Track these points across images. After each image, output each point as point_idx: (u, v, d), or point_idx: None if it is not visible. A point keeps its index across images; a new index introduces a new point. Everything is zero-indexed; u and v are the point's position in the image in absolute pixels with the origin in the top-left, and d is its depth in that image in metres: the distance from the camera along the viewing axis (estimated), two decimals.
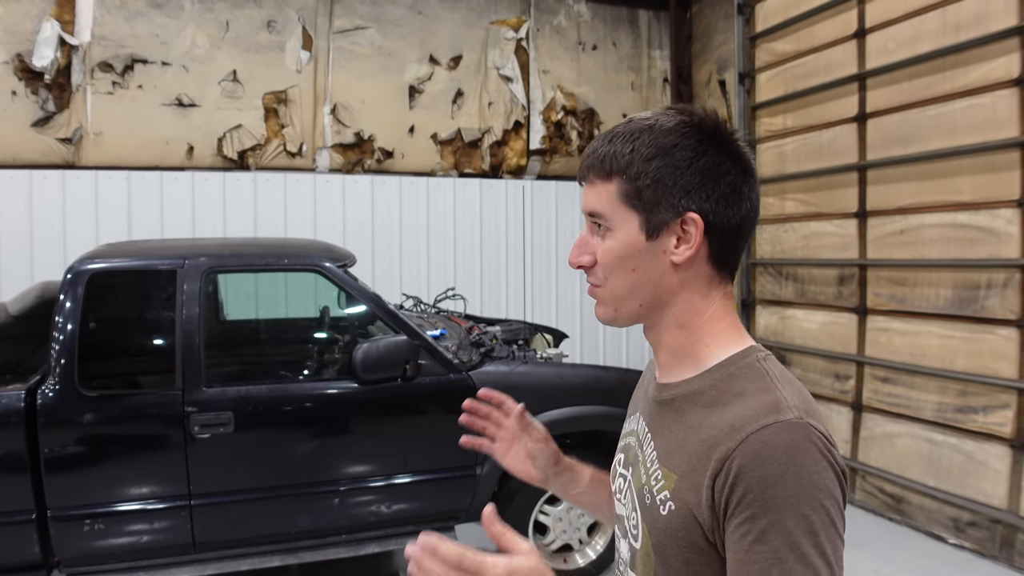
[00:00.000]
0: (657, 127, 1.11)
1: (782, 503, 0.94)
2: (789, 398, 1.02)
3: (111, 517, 3.57)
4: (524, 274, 7.99)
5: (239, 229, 6.89)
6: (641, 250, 1.11)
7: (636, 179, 1.09)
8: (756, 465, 0.96)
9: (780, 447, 0.96)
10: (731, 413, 1.02)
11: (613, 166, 1.11)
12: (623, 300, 1.15)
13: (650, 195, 1.09)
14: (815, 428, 0.99)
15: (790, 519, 0.93)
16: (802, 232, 6.21)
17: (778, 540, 0.93)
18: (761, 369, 1.08)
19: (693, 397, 1.11)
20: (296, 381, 4.12)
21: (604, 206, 1.13)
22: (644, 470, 1.15)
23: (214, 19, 7.01)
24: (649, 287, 1.13)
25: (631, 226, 1.11)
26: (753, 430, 0.98)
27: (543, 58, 8.29)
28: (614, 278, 1.13)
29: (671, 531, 1.05)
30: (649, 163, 1.09)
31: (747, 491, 0.95)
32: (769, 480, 0.95)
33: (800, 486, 0.94)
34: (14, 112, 6.45)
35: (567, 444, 4.33)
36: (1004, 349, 4.53)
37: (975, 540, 4.70)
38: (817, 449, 0.98)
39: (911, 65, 5.08)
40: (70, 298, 3.55)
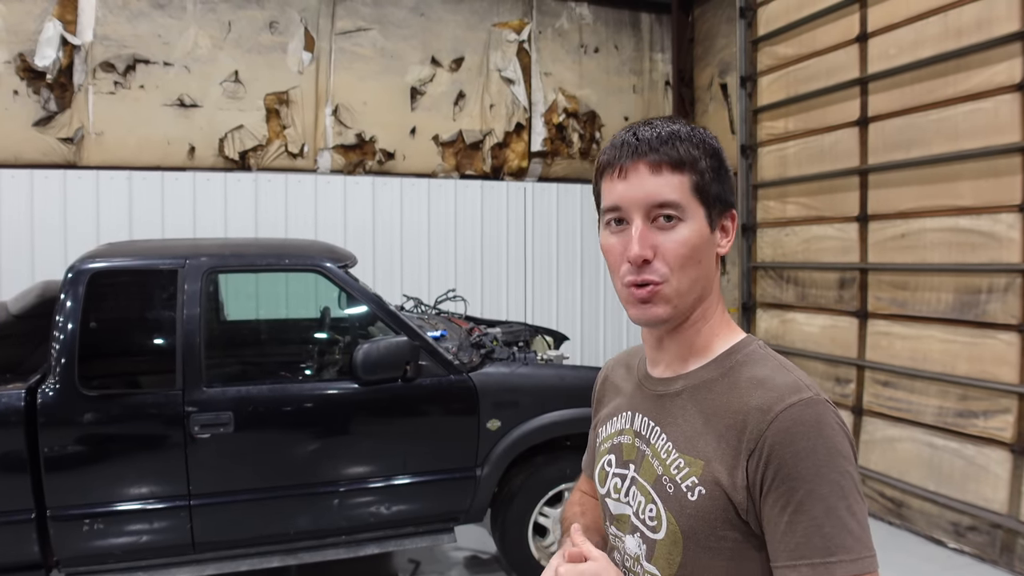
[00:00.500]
0: (696, 131, 1.18)
1: (815, 473, 1.02)
2: (804, 379, 1.11)
3: (111, 517, 3.56)
4: (525, 276, 7.99)
5: (240, 229, 6.89)
6: (707, 242, 1.17)
7: (703, 174, 1.15)
8: (788, 441, 1.04)
9: (808, 422, 1.05)
10: (756, 397, 1.10)
11: (683, 158, 1.14)
12: (686, 294, 1.16)
13: (713, 190, 1.16)
14: (830, 403, 1.08)
15: (824, 487, 1.02)
16: (803, 236, 6.20)
17: (816, 508, 1.01)
18: (768, 355, 1.18)
19: (707, 385, 1.17)
20: (296, 381, 4.12)
21: (680, 196, 1.14)
22: (659, 462, 1.19)
23: (216, 20, 7.02)
24: (705, 280, 1.18)
25: (700, 219, 1.15)
26: (781, 409, 1.06)
27: (545, 60, 8.29)
28: (684, 271, 1.14)
29: (703, 514, 1.11)
30: (711, 159, 1.17)
31: (781, 465, 1.04)
32: (802, 453, 1.03)
33: (829, 455, 1.03)
34: (16, 111, 6.45)
35: (567, 446, 4.33)
36: (1005, 354, 4.52)
37: (975, 545, 4.70)
38: (836, 422, 1.07)
39: (913, 69, 5.07)
40: (71, 297, 3.55)
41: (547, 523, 4.26)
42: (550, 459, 4.24)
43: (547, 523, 4.26)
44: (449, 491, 4.06)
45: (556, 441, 4.26)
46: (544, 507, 4.25)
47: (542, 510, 4.24)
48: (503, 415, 4.07)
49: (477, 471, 4.06)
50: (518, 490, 4.18)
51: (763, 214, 6.67)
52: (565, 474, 4.23)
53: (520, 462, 4.17)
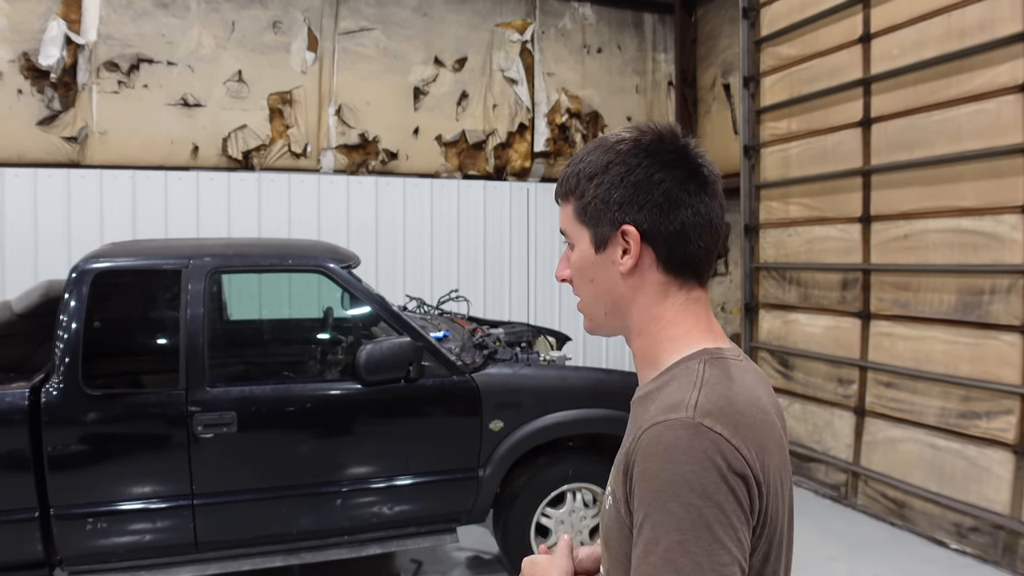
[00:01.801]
0: (603, 146, 1.19)
1: (652, 498, 0.96)
2: (693, 398, 1.02)
3: (114, 516, 3.57)
4: (527, 276, 7.99)
5: (243, 229, 6.90)
6: (593, 262, 1.19)
7: (582, 197, 1.19)
8: (641, 460, 1.00)
9: (661, 443, 0.99)
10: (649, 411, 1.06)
11: (568, 187, 1.22)
12: (591, 309, 1.24)
13: (593, 211, 1.17)
14: (708, 429, 0.98)
15: (658, 514, 0.95)
16: (806, 236, 6.20)
17: (648, 533, 0.96)
18: (694, 371, 1.09)
19: (644, 399, 1.14)
20: (299, 382, 4.12)
21: (566, 224, 1.24)
22: None
23: (220, 19, 7.03)
24: (607, 296, 1.20)
25: (584, 241, 1.20)
26: (647, 427, 1.02)
27: (548, 61, 8.30)
28: (581, 289, 1.24)
29: (609, 523, 1.12)
30: (590, 181, 1.17)
31: (633, 484, 1.01)
32: (646, 475, 0.98)
33: (672, 483, 0.95)
34: (20, 110, 6.47)
35: (570, 446, 4.34)
36: (1008, 355, 4.52)
37: (977, 546, 4.70)
38: (700, 449, 0.97)
39: (916, 70, 5.07)
40: (74, 297, 3.55)
41: (549, 524, 4.26)
42: (553, 460, 4.24)
43: (549, 524, 4.26)
44: (451, 491, 4.06)
45: (559, 442, 4.26)
46: (546, 508, 4.25)
47: (544, 511, 4.24)
48: (506, 416, 4.08)
49: (480, 472, 4.06)
50: (520, 491, 4.18)
51: (766, 215, 6.67)
52: (567, 475, 4.23)
53: (522, 463, 4.18)
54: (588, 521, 4.33)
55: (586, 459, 4.31)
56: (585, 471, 4.26)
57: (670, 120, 8.70)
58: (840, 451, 5.78)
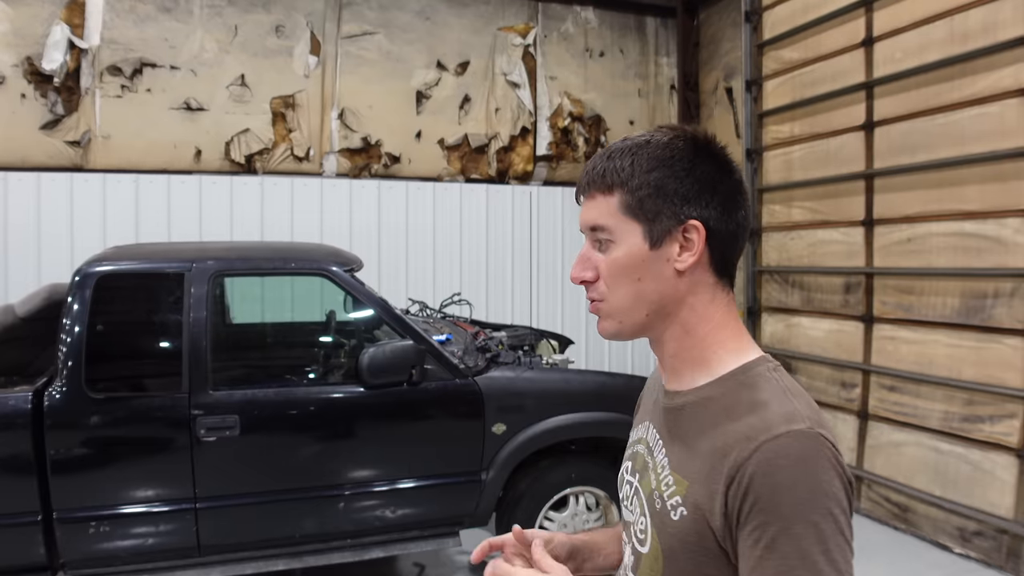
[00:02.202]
0: (653, 142, 1.14)
1: (791, 511, 0.96)
2: (802, 409, 1.04)
3: (116, 519, 3.57)
4: (530, 280, 7.99)
5: (246, 233, 6.91)
6: (645, 259, 1.13)
7: (637, 190, 1.12)
8: (768, 473, 0.98)
9: (792, 456, 0.98)
10: (745, 423, 1.04)
11: (614, 179, 1.13)
12: (628, 311, 1.15)
13: (651, 204, 1.12)
14: (826, 439, 1.01)
15: (799, 526, 0.95)
16: (808, 240, 6.20)
17: (788, 547, 0.95)
18: (772, 379, 1.10)
19: (704, 404, 1.12)
20: (302, 385, 4.13)
21: (606, 219, 1.14)
22: (654, 476, 1.17)
23: (223, 23, 7.04)
24: (655, 296, 1.14)
25: (635, 236, 1.13)
26: (766, 439, 1.00)
27: (550, 64, 8.30)
28: (619, 290, 1.14)
29: (682, 536, 1.07)
30: (649, 174, 1.12)
31: (758, 499, 0.97)
32: (780, 488, 0.97)
33: (810, 494, 0.96)
34: (23, 115, 6.48)
35: (572, 450, 4.33)
36: (1011, 358, 4.51)
37: (981, 550, 4.68)
38: (827, 459, 0.99)
39: (919, 74, 5.07)
40: (78, 300, 3.56)
41: (552, 527, 4.26)
42: (555, 463, 4.24)
43: (552, 527, 4.26)
44: (454, 495, 4.06)
45: (561, 445, 4.26)
46: (549, 511, 4.24)
47: (547, 514, 4.24)
48: (508, 419, 4.07)
49: (482, 475, 4.06)
50: (523, 494, 4.17)
51: (768, 218, 6.66)
52: (570, 478, 4.23)
53: (525, 466, 4.17)
54: (591, 525, 4.33)
55: (589, 463, 4.30)
56: (588, 475, 4.26)
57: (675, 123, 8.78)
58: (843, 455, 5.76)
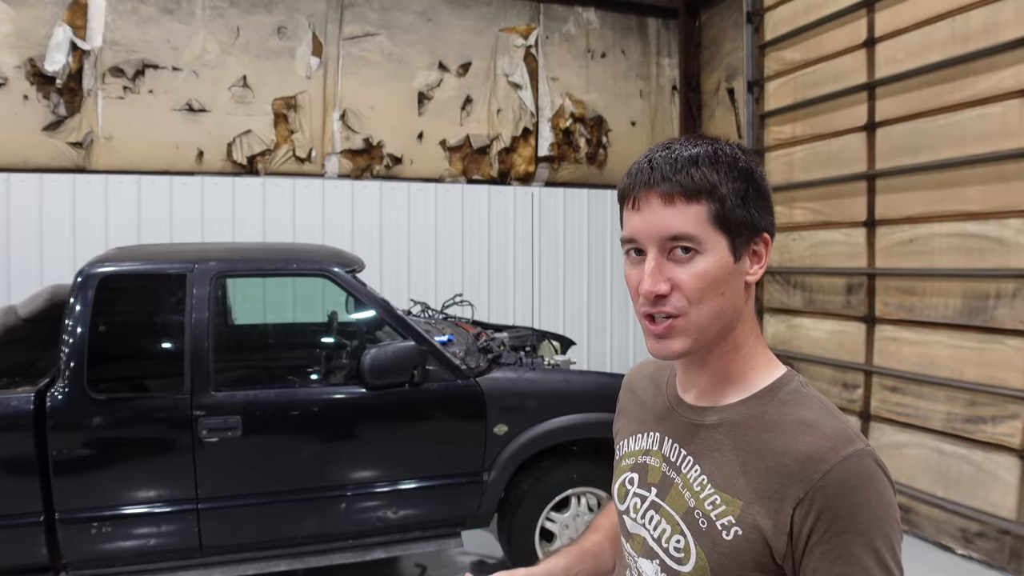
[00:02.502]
0: (724, 153, 1.12)
1: (870, 526, 1.02)
2: (851, 428, 1.09)
3: (118, 520, 3.58)
4: (532, 281, 7.99)
5: (248, 234, 6.92)
6: (731, 272, 1.11)
7: (724, 201, 1.09)
8: (844, 494, 1.03)
9: (863, 476, 1.04)
10: (803, 443, 1.07)
11: (699, 187, 1.08)
12: (707, 327, 1.11)
13: (738, 216, 1.10)
14: (877, 456, 1.08)
15: (878, 539, 1.03)
16: (810, 241, 6.20)
17: (869, 559, 1.02)
18: (810, 396, 1.14)
19: (747, 422, 1.13)
20: (304, 386, 4.13)
21: (692, 228, 1.08)
22: (691, 493, 1.16)
23: (225, 25, 7.05)
24: (730, 311, 1.12)
25: (722, 248, 1.09)
26: (836, 461, 1.04)
27: (552, 65, 8.30)
28: (705, 304, 1.10)
29: (736, 555, 1.08)
30: (736, 184, 1.10)
31: (836, 518, 1.02)
32: (857, 507, 1.02)
33: (883, 508, 1.04)
34: (25, 116, 6.49)
35: (574, 450, 4.34)
36: (1013, 359, 4.51)
37: (984, 551, 4.68)
38: (885, 475, 1.07)
39: (921, 74, 5.07)
40: (80, 301, 3.56)
41: (554, 528, 4.26)
42: (557, 464, 4.24)
43: (554, 528, 4.26)
44: (456, 496, 4.06)
45: (563, 446, 4.26)
46: (551, 512, 4.24)
47: (549, 515, 4.24)
48: (510, 420, 4.08)
49: (484, 476, 4.06)
50: (525, 495, 4.18)
51: None
52: (572, 479, 4.23)
53: (527, 467, 4.17)
54: None
55: (590, 463, 4.30)
56: (589, 475, 4.26)
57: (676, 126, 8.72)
58: None
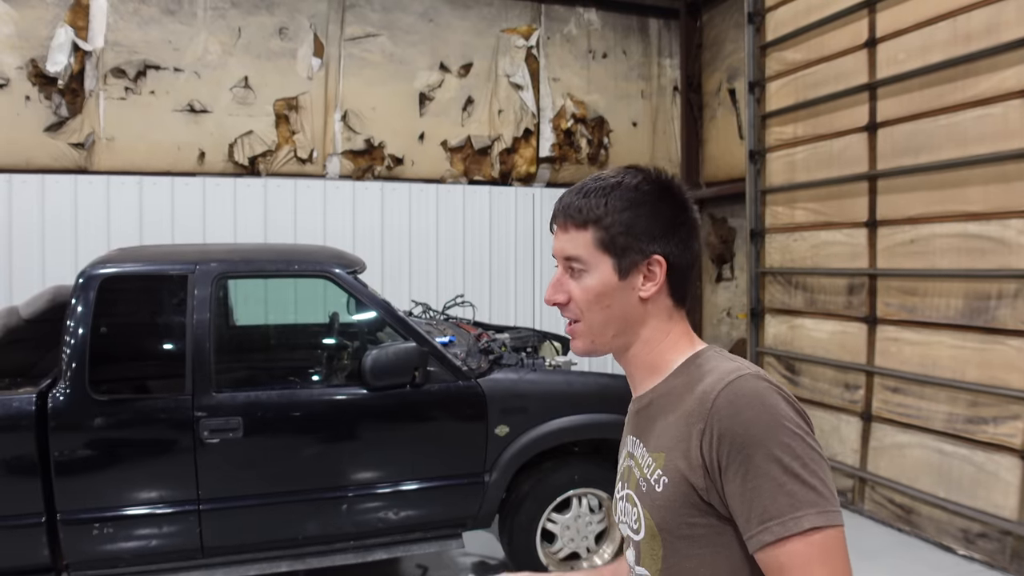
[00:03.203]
0: (624, 184, 1.28)
1: (765, 436, 1.09)
2: (743, 365, 1.20)
3: (120, 521, 3.58)
4: (533, 281, 7.99)
5: (249, 235, 6.92)
6: (615, 288, 1.27)
7: (610, 228, 1.26)
8: (733, 413, 1.11)
9: (748, 393, 1.13)
10: (701, 387, 1.19)
11: (588, 216, 1.27)
12: (599, 332, 1.30)
13: (622, 241, 1.26)
14: (768, 378, 1.17)
15: (776, 448, 1.08)
16: (811, 241, 6.19)
17: (774, 469, 1.08)
18: (718, 354, 1.28)
19: (667, 392, 1.27)
20: (305, 387, 4.13)
21: (581, 251, 1.28)
22: (639, 470, 1.29)
23: (226, 26, 7.06)
24: (621, 320, 1.29)
25: (606, 268, 1.27)
26: (720, 388, 1.14)
27: (553, 66, 8.31)
28: (591, 314, 1.29)
29: (669, 503, 1.18)
30: (622, 214, 1.26)
31: (734, 437, 1.10)
32: (748, 422, 1.10)
33: (774, 419, 1.10)
34: (27, 117, 6.50)
35: (576, 452, 4.34)
36: (1015, 360, 4.50)
37: (985, 552, 4.67)
38: (775, 392, 1.14)
39: (922, 75, 5.06)
40: (82, 302, 3.57)
41: (555, 529, 4.26)
42: (558, 465, 4.24)
43: (555, 529, 4.26)
44: (457, 497, 4.06)
45: (564, 447, 4.26)
46: (552, 513, 4.24)
47: (550, 516, 4.24)
48: (511, 421, 4.08)
49: (485, 477, 4.06)
50: (526, 496, 4.18)
51: (772, 219, 6.66)
52: (573, 480, 4.23)
53: (528, 468, 4.18)
54: (594, 527, 4.33)
55: (592, 464, 4.30)
56: (591, 476, 4.26)
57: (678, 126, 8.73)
58: (847, 456, 5.76)
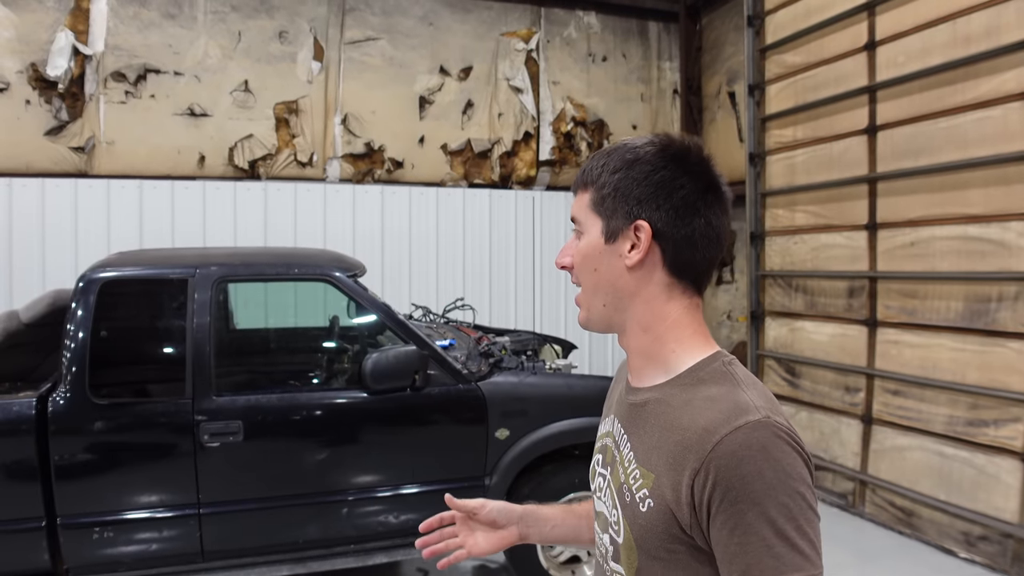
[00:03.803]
0: (629, 146, 1.24)
1: (763, 496, 1.03)
2: (755, 400, 1.11)
3: (120, 525, 3.58)
4: (533, 285, 7.99)
5: (249, 238, 6.93)
6: (601, 252, 1.23)
7: (601, 188, 1.23)
8: (734, 464, 1.04)
9: (754, 446, 1.05)
10: (703, 417, 1.11)
11: (588, 178, 1.26)
12: (590, 299, 1.27)
13: (610, 203, 1.22)
14: (780, 424, 1.08)
15: (772, 509, 1.03)
16: (812, 244, 6.19)
17: (765, 529, 1.02)
18: (727, 373, 1.18)
19: (666, 400, 1.19)
20: (305, 390, 4.12)
21: (579, 212, 1.27)
22: (622, 469, 1.23)
23: (226, 30, 7.06)
24: (609, 288, 1.23)
25: (595, 230, 1.24)
26: (726, 432, 1.06)
27: (553, 69, 8.31)
28: (583, 277, 1.27)
29: (650, 526, 1.14)
30: (613, 175, 1.22)
31: (729, 489, 1.04)
32: (748, 477, 1.04)
33: (776, 478, 1.04)
34: (28, 121, 6.50)
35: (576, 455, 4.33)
36: (1015, 362, 4.50)
37: (986, 554, 4.67)
38: (785, 442, 1.06)
39: (922, 77, 5.07)
40: (82, 306, 3.56)
41: None
42: (559, 468, 4.23)
43: None
44: None
45: (565, 450, 4.25)
46: None
47: None
48: (512, 424, 4.07)
49: (486, 480, 4.05)
50: (526, 499, 4.16)
51: (771, 222, 6.66)
52: (574, 483, 4.22)
53: (529, 471, 4.17)
54: None
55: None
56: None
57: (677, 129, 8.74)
58: (847, 459, 5.75)
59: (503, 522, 1.55)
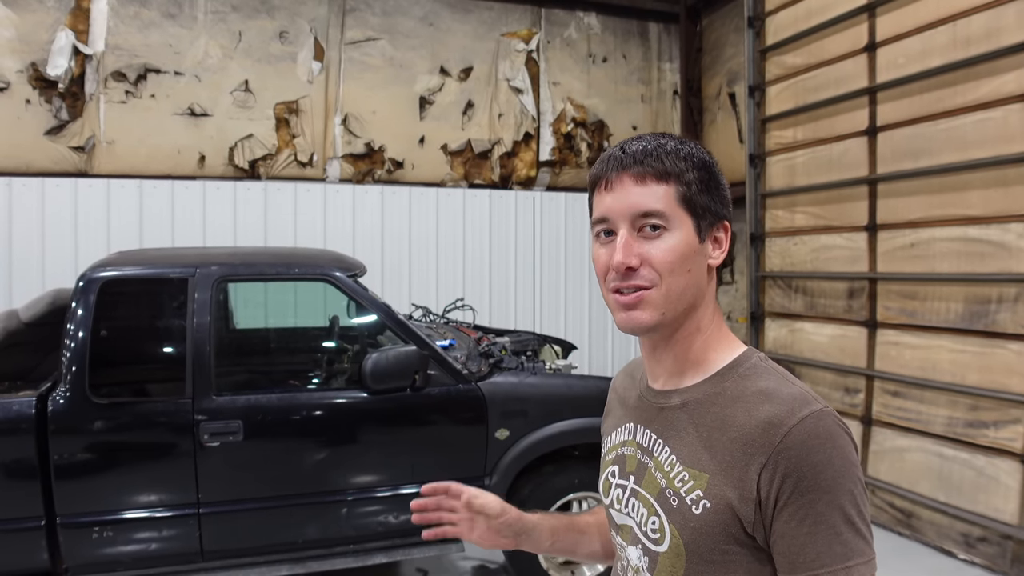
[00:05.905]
0: (694, 146, 1.21)
1: (832, 484, 1.05)
2: (809, 390, 1.13)
3: (120, 524, 3.58)
4: (533, 285, 7.99)
5: (249, 238, 6.93)
6: (696, 251, 1.17)
7: (690, 185, 1.17)
8: (804, 455, 1.05)
9: (822, 435, 1.07)
10: (762, 411, 1.11)
11: (671, 168, 1.16)
12: (675, 301, 1.17)
13: (701, 201, 1.17)
14: (835, 413, 1.11)
15: (842, 496, 1.05)
16: (812, 245, 6.19)
17: (835, 516, 1.05)
18: (769, 367, 1.19)
19: (710, 399, 1.18)
20: (305, 390, 4.13)
21: (663, 205, 1.15)
22: (662, 475, 1.20)
23: (227, 29, 7.06)
24: (694, 289, 1.19)
25: (688, 228, 1.17)
26: (793, 423, 1.07)
27: (553, 70, 8.32)
28: (673, 278, 1.15)
29: (706, 528, 1.11)
30: (701, 172, 1.18)
31: (800, 479, 1.05)
32: (819, 466, 1.05)
33: (844, 466, 1.06)
34: (28, 120, 6.50)
35: (576, 455, 4.33)
36: (1015, 364, 4.50)
37: (986, 556, 4.67)
38: (843, 431, 1.09)
39: (922, 79, 5.07)
40: (82, 306, 3.56)
41: None
42: (559, 469, 4.23)
43: None
44: None
45: (564, 451, 4.25)
46: None
47: None
48: (511, 424, 4.07)
49: (486, 480, 4.05)
50: (526, 500, 4.16)
51: (771, 223, 6.66)
52: (573, 484, 4.22)
53: (529, 471, 4.17)
54: None
55: (592, 468, 4.27)
56: (591, 480, 4.25)
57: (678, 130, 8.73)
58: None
59: (506, 532, 1.50)
